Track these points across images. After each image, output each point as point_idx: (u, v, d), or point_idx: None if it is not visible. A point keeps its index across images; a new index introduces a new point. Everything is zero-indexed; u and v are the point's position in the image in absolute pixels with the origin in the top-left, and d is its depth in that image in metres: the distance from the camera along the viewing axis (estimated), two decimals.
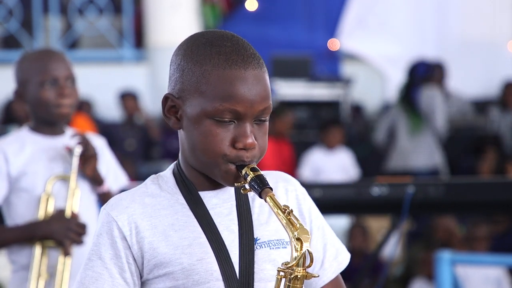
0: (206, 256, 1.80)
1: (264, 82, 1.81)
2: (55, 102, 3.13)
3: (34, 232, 3.09)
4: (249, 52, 1.81)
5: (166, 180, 1.88)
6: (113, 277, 1.81)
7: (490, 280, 6.29)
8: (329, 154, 8.13)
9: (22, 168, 3.13)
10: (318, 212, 1.94)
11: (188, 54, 1.81)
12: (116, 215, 1.82)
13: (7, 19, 11.73)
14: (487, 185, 4.67)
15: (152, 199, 1.85)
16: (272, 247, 1.84)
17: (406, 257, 7.18)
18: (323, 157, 8.14)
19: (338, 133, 8.18)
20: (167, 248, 1.80)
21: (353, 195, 4.35)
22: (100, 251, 1.82)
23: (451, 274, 4.59)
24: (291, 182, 1.94)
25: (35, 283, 3.09)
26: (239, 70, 1.78)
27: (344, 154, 8.22)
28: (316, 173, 8.06)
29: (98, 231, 1.83)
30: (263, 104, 1.80)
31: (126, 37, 11.87)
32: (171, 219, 1.83)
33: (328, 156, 8.13)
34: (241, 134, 1.79)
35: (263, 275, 1.83)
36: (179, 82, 1.82)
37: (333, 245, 1.93)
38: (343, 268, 1.94)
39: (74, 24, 11.88)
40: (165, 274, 1.80)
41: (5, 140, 3.21)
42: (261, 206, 1.87)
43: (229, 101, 1.77)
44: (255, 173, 1.77)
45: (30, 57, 3.19)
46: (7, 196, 3.14)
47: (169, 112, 1.84)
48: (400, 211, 4.34)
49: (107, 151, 3.32)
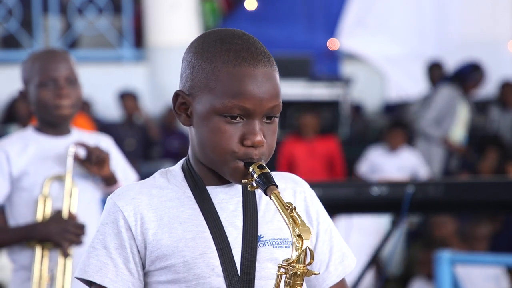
0: (208, 250, 1.81)
1: (273, 80, 1.82)
2: (53, 103, 3.12)
3: (32, 234, 3.09)
4: (259, 50, 1.82)
5: (174, 174, 1.88)
6: (118, 267, 1.81)
7: (489, 278, 6.30)
8: (390, 154, 8.13)
9: (24, 168, 3.13)
10: (326, 215, 1.94)
11: (198, 51, 1.82)
12: (122, 205, 1.82)
13: (7, 19, 11.73)
14: (487, 185, 4.66)
15: (159, 191, 1.85)
16: (275, 245, 1.85)
17: (406, 257, 7.18)
18: (383, 156, 8.17)
19: (401, 134, 8.18)
20: (170, 240, 1.81)
21: (352, 194, 4.35)
22: (105, 240, 1.82)
23: (450, 274, 4.59)
24: (300, 183, 1.94)
25: (37, 285, 3.09)
26: (248, 68, 1.79)
27: (409, 154, 8.19)
28: (372, 170, 8.10)
29: (104, 220, 1.83)
30: (273, 101, 1.81)
31: (125, 37, 11.87)
32: (177, 211, 1.83)
33: (389, 156, 8.14)
34: (249, 132, 1.79)
35: (264, 273, 1.83)
36: (190, 79, 1.83)
37: (339, 249, 1.93)
38: (348, 272, 1.94)
39: (73, 23, 11.88)
40: (167, 266, 1.81)
41: (9, 139, 3.21)
42: (267, 204, 1.88)
43: (238, 98, 1.78)
44: (261, 171, 1.77)
45: (32, 57, 3.20)
46: (8, 195, 3.15)
47: (180, 109, 1.85)
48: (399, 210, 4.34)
49: (114, 149, 3.32)
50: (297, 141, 8.20)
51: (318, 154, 8.14)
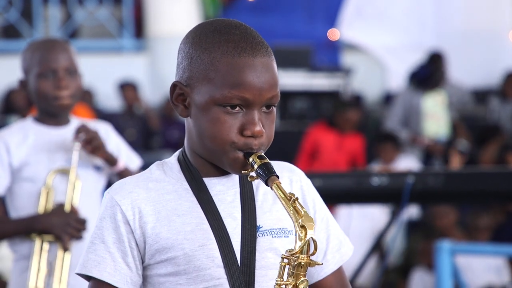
0: (208, 242, 1.81)
1: (272, 70, 1.82)
2: (52, 94, 3.12)
3: (33, 225, 3.09)
4: (257, 40, 1.82)
5: (171, 166, 1.88)
6: (116, 261, 1.81)
7: (490, 269, 6.31)
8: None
9: (24, 158, 3.13)
10: (322, 203, 1.94)
11: (196, 42, 1.82)
12: (119, 199, 1.82)
13: (7, 9, 11.71)
14: (487, 175, 4.67)
15: (156, 184, 1.85)
16: (275, 235, 1.85)
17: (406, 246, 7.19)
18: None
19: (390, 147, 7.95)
20: (169, 233, 1.81)
21: (353, 184, 4.35)
22: (103, 234, 1.82)
23: (451, 264, 4.59)
24: (295, 172, 1.94)
25: (35, 278, 3.09)
26: (248, 58, 1.79)
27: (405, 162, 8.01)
28: None
29: (102, 215, 1.84)
30: (272, 91, 1.81)
31: (126, 27, 11.86)
32: (175, 204, 1.83)
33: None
34: (249, 122, 1.79)
35: (264, 263, 1.83)
36: (188, 69, 1.82)
37: (336, 237, 1.93)
38: (345, 260, 1.94)
39: (73, 13, 11.87)
40: (167, 259, 1.81)
41: (9, 130, 3.21)
42: (265, 194, 1.88)
43: (238, 88, 1.78)
44: (262, 161, 1.77)
45: (32, 47, 3.18)
46: (9, 186, 3.15)
47: (177, 100, 1.85)
48: (399, 201, 4.34)
49: (113, 134, 3.32)
50: (326, 131, 7.97)
51: (345, 149, 7.95)
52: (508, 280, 6.34)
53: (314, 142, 8.00)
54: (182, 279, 1.81)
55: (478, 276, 6.26)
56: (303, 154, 8.03)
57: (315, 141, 7.99)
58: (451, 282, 4.60)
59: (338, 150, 7.94)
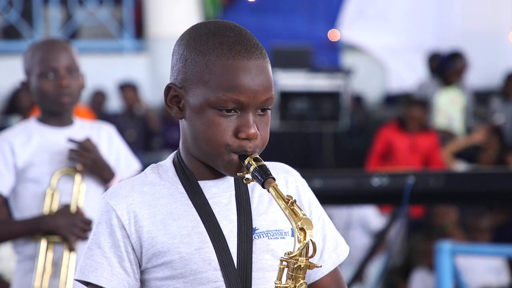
0: (204, 245, 1.81)
1: (267, 72, 1.81)
2: (54, 93, 3.12)
3: (40, 226, 3.08)
4: (252, 42, 1.81)
5: (166, 169, 1.88)
6: (112, 266, 1.81)
7: (490, 270, 6.31)
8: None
9: (28, 159, 3.13)
10: (318, 204, 1.94)
11: (191, 44, 1.81)
12: (115, 204, 1.82)
13: (7, 9, 11.71)
14: (487, 176, 4.66)
15: (151, 187, 1.85)
16: (271, 237, 1.85)
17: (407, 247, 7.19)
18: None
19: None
20: (165, 237, 1.81)
21: (353, 185, 4.35)
22: (99, 240, 1.82)
23: (451, 264, 4.59)
24: (291, 173, 1.94)
25: (40, 278, 3.09)
26: (242, 60, 1.78)
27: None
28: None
29: (98, 220, 1.84)
30: (266, 94, 1.80)
31: (126, 28, 11.86)
32: (170, 207, 1.83)
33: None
34: (244, 124, 1.79)
35: (261, 265, 1.83)
36: (182, 72, 1.82)
37: (332, 237, 1.93)
38: (342, 260, 1.94)
39: (74, 14, 11.87)
40: (164, 263, 1.81)
41: (12, 131, 3.21)
42: (260, 196, 1.88)
43: (233, 91, 1.77)
44: (258, 163, 1.77)
45: (33, 47, 3.19)
46: (14, 187, 3.14)
47: (172, 102, 1.84)
48: (400, 201, 4.34)
49: (116, 138, 3.32)
50: (399, 132, 7.82)
51: (419, 150, 7.81)
52: (508, 281, 6.34)
53: (387, 143, 7.84)
54: (179, 283, 1.81)
55: (478, 277, 6.25)
56: (374, 154, 7.90)
57: (388, 142, 7.83)
58: (451, 282, 4.60)
59: (412, 152, 7.78)
